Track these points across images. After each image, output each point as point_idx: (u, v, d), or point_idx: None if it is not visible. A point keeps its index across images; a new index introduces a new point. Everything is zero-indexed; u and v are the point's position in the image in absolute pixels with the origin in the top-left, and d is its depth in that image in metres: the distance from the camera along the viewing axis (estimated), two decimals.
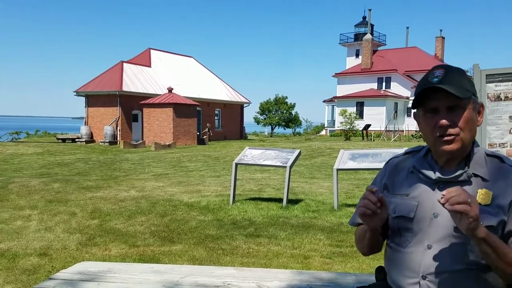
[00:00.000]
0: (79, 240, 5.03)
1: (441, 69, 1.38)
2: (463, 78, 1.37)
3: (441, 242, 1.35)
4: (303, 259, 4.31)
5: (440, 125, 1.34)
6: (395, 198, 1.48)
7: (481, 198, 1.32)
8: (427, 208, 1.39)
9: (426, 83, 1.37)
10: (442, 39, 44.93)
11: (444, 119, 1.34)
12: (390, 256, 1.50)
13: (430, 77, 1.38)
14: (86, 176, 10.72)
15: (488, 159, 1.40)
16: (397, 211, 1.46)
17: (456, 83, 1.34)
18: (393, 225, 1.48)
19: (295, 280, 2.25)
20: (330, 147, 19.31)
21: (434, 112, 1.37)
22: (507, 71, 5.78)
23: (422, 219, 1.40)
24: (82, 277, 2.29)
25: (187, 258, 4.37)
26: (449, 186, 1.36)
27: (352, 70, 44.49)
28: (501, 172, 1.36)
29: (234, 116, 36.63)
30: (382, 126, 35.94)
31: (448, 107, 1.34)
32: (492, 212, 1.32)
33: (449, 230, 1.35)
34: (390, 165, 1.59)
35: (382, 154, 6.26)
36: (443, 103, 1.34)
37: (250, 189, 8.41)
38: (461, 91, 1.33)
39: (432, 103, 1.36)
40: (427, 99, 1.37)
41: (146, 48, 34.26)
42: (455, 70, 1.39)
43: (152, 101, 26.52)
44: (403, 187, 1.48)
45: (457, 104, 1.34)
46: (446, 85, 1.32)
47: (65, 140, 28.26)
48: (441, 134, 1.35)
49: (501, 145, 5.80)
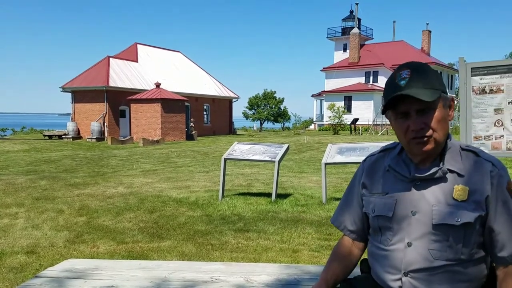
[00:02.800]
0: (66, 238, 4.99)
1: (407, 69, 1.35)
2: (430, 76, 1.34)
3: (421, 239, 1.36)
4: (292, 253, 4.33)
5: (412, 130, 1.33)
6: (373, 197, 1.49)
7: (458, 194, 1.33)
8: (405, 206, 1.39)
9: (395, 87, 1.34)
10: (428, 33, 45.25)
11: (416, 124, 1.32)
12: (373, 253, 1.51)
13: (397, 78, 1.35)
14: (74, 173, 10.62)
15: (463, 153, 1.39)
16: (376, 211, 1.46)
17: (423, 84, 1.31)
18: (374, 224, 1.49)
19: (283, 274, 2.26)
20: (318, 141, 19.39)
21: (405, 116, 1.35)
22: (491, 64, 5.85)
23: (401, 218, 1.40)
24: (69, 274, 2.27)
25: (176, 254, 4.36)
26: (426, 183, 1.38)
27: (339, 65, 44.62)
28: (476, 166, 1.36)
29: (223, 111, 36.55)
30: (370, 120, 36.17)
31: (418, 110, 1.32)
32: (469, 208, 1.32)
33: (427, 228, 1.35)
34: (368, 163, 1.58)
35: (369, 147, 6.30)
36: (413, 107, 1.32)
37: (239, 184, 8.41)
38: (430, 93, 1.30)
39: (402, 107, 1.34)
40: (397, 104, 1.34)
41: (133, 43, 33.97)
42: (421, 68, 1.36)
43: (140, 97, 26.33)
44: (380, 186, 1.48)
45: (427, 107, 1.32)
46: (414, 89, 1.30)
47: (51, 137, 27.95)
48: (413, 137, 1.34)
49: (486, 137, 5.88)
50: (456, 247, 1.33)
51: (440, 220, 1.33)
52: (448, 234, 1.32)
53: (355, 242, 1.61)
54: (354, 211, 1.59)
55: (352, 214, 1.59)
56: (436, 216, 1.34)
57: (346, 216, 1.61)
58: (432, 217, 1.34)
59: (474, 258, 1.36)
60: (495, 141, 5.83)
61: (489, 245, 1.36)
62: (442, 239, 1.34)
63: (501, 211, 1.33)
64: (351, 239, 1.61)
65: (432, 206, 1.35)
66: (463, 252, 1.34)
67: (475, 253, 1.36)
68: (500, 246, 1.34)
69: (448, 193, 1.35)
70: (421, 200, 1.37)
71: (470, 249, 1.35)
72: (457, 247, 1.34)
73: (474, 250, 1.36)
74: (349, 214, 1.60)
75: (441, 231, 1.32)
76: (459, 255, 1.34)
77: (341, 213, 1.63)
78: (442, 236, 1.34)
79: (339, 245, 1.63)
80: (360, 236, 1.60)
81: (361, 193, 1.56)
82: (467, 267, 1.35)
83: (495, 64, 5.77)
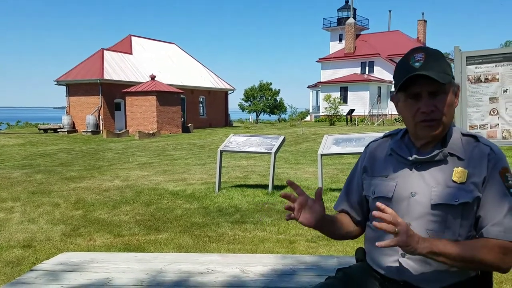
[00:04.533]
0: (63, 231, 4.98)
1: (421, 52, 1.36)
2: (442, 61, 1.36)
3: (419, 220, 1.38)
4: (288, 243, 4.34)
5: (423, 111, 1.35)
6: (374, 180, 1.51)
7: (457, 177, 1.36)
8: (405, 187, 1.42)
9: (409, 69, 1.35)
10: (424, 23, 45.15)
11: (427, 105, 1.34)
12: (370, 236, 1.54)
13: (411, 60, 1.36)
14: (69, 167, 10.59)
15: (464, 138, 1.43)
16: (376, 192, 1.49)
17: (437, 68, 1.33)
18: (373, 206, 1.49)
19: (279, 265, 2.26)
20: (315, 132, 19.40)
21: (415, 98, 1.36)
22: (487, 53, 5.84)
23: (400, 199, 1.42)
24: (65, 267, 2.27)
25: (173, 247, 4.36)
26: (426, 165, 1.41)
27: (335, 55, 44.52)
28: (475, 150, 1.39)
29: (219, 103, 36.44)
30: (366, 111, 36.18)
31: (430, 92, 1.34)
32: (467, 189, 1.35)
33: (426, 208, 1.37)
34: (370, 148, 1.61)
35: (366, 138, 6.30)
36: (425, 89, 1.34)
37: (236, 176, 8.41)
38: (443, 76, 1.32)
39: (414, 89, 1.35)
40: (409, 85, 1.36)
41: (127, 35, 33.71)
42: (435, 53, 1.38)
43: (135, 89, 26.19)
44: (382, 169, 1.51)
45: (439, 90, 1.34)
46: (429, 71, 1.31)
47: (47, 131, 27.83)
48: (423, 119, 1.36)
49: (482, 126, 5.89)
50: (454, 228, 1.36)
51: (438, 200, 1.35)
52: (447, 214, 1.34)
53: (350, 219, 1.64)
54: (355, 197, 1.62)
55: (353, 200, 1.62)
56: (434, 197, 1.36)
57: (348, 203, 1.64)
58: (431, 198, 1.36)
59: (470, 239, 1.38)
60: (490, 130, 5.84)
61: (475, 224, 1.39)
62: (440, 219, 1.36)
63: (488, 192, 1.35)
64: None
65: (432, 187, 1.37)
66: (460, 233, 1.36)
67: (471, 235, 1.39)
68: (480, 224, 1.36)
69: (448, 175, 1.37)
70: (421, 181, 1.40)
71: (467, 230, 1.37)
72: (455, 228, 1.36)
73: (471, 232, 1.39)
74: (350, 200, 1.63)
75: (440, 211, 1.35)
76: (456, 236, 1.36)
77: (343, 199, 1.66)
78: (440, 216, 1.36)
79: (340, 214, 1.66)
80: (359, 222, 1.63)
81: (362, 177, 1.58)
82: None
83: (490, 53, 5.77)
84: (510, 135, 5.75)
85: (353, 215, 1.62)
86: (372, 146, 1.61)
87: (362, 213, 1.62)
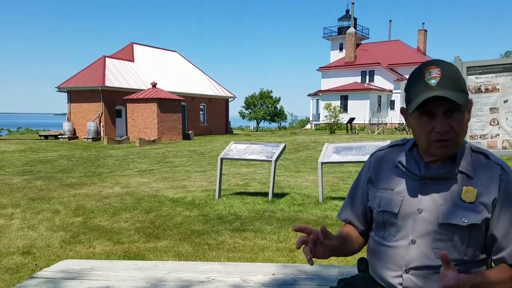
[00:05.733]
0: (62, 238, 4.97)
1: (437, 68, 1.30)
2: (459, 79, 1.31)
3: (425, 238, 1.35)
4: (288, 252, 4.33)
5: (437, 131, 1.30)
6: (380, 192, 1.48)
7: (466, 196, 1.32)
8: (412, 203, 1.38)
9: (424, 86, 1.29)
10: (424, 32, 45.35)
11: (443, 125, 1.29)
12: (374, 249, 1.50)
13: (426, 76, 1.30)
14: (70, 173, 10.58)
15: (474, 155, 1.39)
16: (382, 205, 1.45)
17: (454, 87, 1.28)
18: (378, 219, 1.48)
19: (280, 274, 2.26)
20: (315, 140, 19.40)
21: (430, 116, 1.31)
22: (487, 63, 5.87)
23: (406, 215, 1.39)
24: (65, 275, 2.26)
25: (173, 254, 4.35)
26: (435, 182, 1.37)
27: (336, 64, 44.67)
28: (485, 169, 1.35)
29: (219, 111, 36.50)
30: (366, 119, 36.23)
31: (445, 111, 1.29)
32: (476, 209, 1.31)
33: (433, 226, 1.34)
34: (375, 158, 1.56)
35: (366, 147, 6.31)
36: (441, 108, 1.28)
37: (236, 183, 8.41)
38: (461, 96, 1.27)
39: (430, 107, 1.29)
40: (425, 102, 1.28)
41: (129, 43, 33.87)
42: (451, 69, 1.31)
43: (136, 96, 26.25)
44: (388, 181, 1.47)
45: (455, 109, 1.28)
46: (447, 91, 1.26)
47: (47, 137, 27.83)
48: (438, 139, 1.30)
49: (482, 136, 5.89)
50: (460, 248, 1.33)
51: (446, 219, 1.32)
52: (454, 234, 1.32)
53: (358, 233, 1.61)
54: (359, 207, 1.59)
55: (357, 210, 1.59)
56: (442, 216, 1.33)
57: (352, 212, 1.61)
58: (439, 216, 1.33)
59: (476, 259, 1.36)
60: (490, 140, 5.85)
61: (490, 247, 1.36)
62: (447, 238, 1.33)
63: (504, 215, 1.32)
64: None
65: (440, 205, 1.34)
66: (467, 253, 1.34)
67: (478, 255, 1.36)
68: (498, 248, 1.33)
69: (457, 194, 1.34)
70: (428, 198, 1.36)
71: (473, 250, 1.35)
72: (461, 247, 1.33)
73: (478, 252, 1.36)
74: (354, 210, 1.60)
75: (447, 231, 1.32)
76: (462, 256, 1.34)
77: (347, 208, 1.64)
78: (447, 235, 1.33)
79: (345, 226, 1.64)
80: (362, 232, 1.60)
81: (367, 187, 1.55)
82: (468, 268, 1.34)
83: (490, 63, 5.79)
84: (510, 145, 5.76)
85: (356, 224, 1.60)
86: (377, 156, 1.56)
87: (365, 223, 1.59)
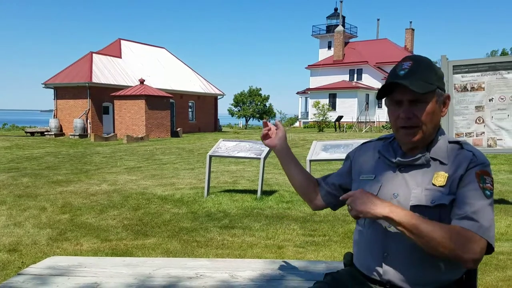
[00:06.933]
0: (49, 235, 4.93)
1: (410, 61, 1.43)
2: (430, 71, 1.42)
3: None
4: (277, 249, 4.36)
5: (401, 117, 1.42)
6: (361, 182, 1.57)
7: (437, 180, 1.41)
8: (389, 189, 1.47)
9: (393, 77, 1.43)
10: (412, 31, 45.73)
11: (405, 113, 1.41)
12: (356, 238, 1.60)
13: (398, 69, 1.44)
14: (56, 170, 10.48)
15: (450, 145, 1.47)
16: None
17: (421, 77, 1.39)
18: None
19: (268, 269, 2.27)
20: (303, 138, 19.47)
21: (398, 104, 1.44)
22: (473, 62, 5.95)
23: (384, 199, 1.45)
24: (52, 272, 2.25)
25: (161, 251, 4.35)
26: (410, 169, 1.46)
27: (324, 62, 44.83)
28: (458, 156, 1.43)
29: (208, 108, 36.38)
30: (354, 118, 36.44)
31: (411, 100, 1.41)
32: (445, 192, 1.39)
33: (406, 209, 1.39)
34: (363, 148, 1.69)
35: (354, 144, 6.35)
36: (406, 97, 1.41)
37: (225, 181, 8.41)
38: (423, 85, 1.38)
39: (396, 96, 1.43)
40: (393, 92, 1.44)
41: (116, 39, 33.54)
42: (423, 62, 1.44)
43: (124, 93, 26.02)
44: (370, 170, 1.57)
45: (419, 98, 1.40)
46: (409, 80, 1.38)
47: (33, 134, 27.49)
48: (402, 125, 1.43)
49: (468, 134, 5.98)
50: None
51: (416, 202, 1.40)
52: (424, 214, 1.37)
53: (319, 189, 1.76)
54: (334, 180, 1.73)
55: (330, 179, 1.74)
56: (413, 199, 1.41)
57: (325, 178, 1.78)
58: (410, 199, 1.41)
59: None
60: (476, 138, 5.94)
61: None
62: None
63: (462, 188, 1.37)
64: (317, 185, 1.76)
65: (412, 189, 1.42)
66: None
67: None
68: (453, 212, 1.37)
69: (429, 178, 1.42)
70: (403, 184, 1.45)
71: None
72: None
73: None
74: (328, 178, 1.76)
75: (418, 212, 1.37)
76: None
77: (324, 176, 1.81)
78: None
79: None
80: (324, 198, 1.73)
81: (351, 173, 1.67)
82: None
83: (476, 62, 5.87)
84: (495, 143, 5.86)
85: (322, 186, 1.73)
86: (365, 146, 1.69)
87: (330, 195, 1.71)
